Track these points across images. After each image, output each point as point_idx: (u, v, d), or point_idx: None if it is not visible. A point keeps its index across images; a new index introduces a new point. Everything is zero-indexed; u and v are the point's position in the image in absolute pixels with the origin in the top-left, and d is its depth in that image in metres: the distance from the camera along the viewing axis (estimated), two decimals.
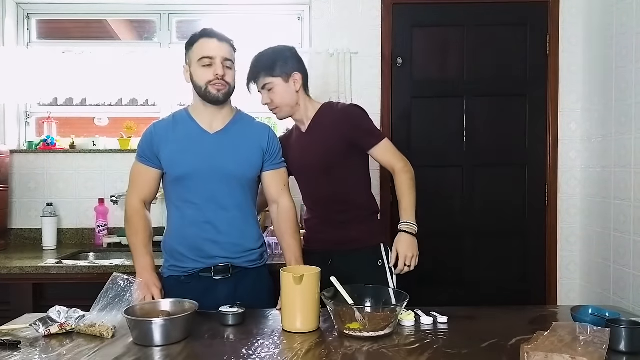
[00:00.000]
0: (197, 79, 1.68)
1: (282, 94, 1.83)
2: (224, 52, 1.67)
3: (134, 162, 1.76)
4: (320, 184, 1.88)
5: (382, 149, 1.83)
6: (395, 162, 1.83)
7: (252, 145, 1.75)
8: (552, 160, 2.85)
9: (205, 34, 1.68)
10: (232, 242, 1.70)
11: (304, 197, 1.99)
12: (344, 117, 1.84)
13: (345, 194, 1.86)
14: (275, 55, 1.83)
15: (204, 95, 1.68)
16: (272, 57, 1.82)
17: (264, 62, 1.82)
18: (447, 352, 1.23)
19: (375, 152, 1.84)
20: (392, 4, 2.80)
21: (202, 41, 1.67)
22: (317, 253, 1.85)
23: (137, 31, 3.25)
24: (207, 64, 1.65)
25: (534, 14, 2.84)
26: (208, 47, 1.66)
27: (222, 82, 1.66)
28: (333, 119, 1.85)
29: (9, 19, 2.90)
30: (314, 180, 1.89)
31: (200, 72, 1.67)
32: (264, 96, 1.86)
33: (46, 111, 2.97)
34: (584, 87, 2.80)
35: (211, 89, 1.66)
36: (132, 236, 1.72)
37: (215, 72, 1.65)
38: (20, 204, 2.86)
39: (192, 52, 1.69)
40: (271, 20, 3.07)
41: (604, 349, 1.10)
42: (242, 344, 1.29)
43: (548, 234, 2.87)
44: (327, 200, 1.88)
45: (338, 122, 1.83)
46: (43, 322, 1.35)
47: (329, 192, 1.87)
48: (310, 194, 1.95)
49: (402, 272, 1.75)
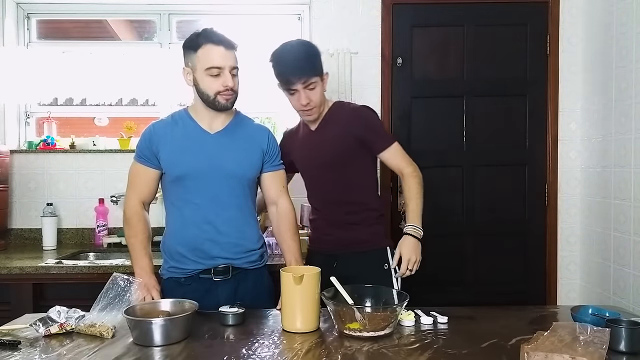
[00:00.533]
0: (204, 88, 1.65)
1: (320, 93, 1.80)
2: (232, 61, 1.65)
3: (133, 162, 1.75)
4: (329, 184, 1.86)
5: (392, 152, 1.82)
6: (404, 166, 1.81)
7: (252, 146, 1.75)
8: (552, 160, 2.85)
9: (211, 40, 1.62)
10: (232, 243, 1.70)
11: (310, 196, 1.97)
12: (356, 116, 1.83)
13: (355, 195, 1.85)
14: (315, 53, 1.79)
15: (211, 103, 1.66)
16: (313, 55, 1.78)
17: (310, 60, 1.77)
18: (447, 352, 1.23)
19: (386, 155, 1.83)
20: (392, 4, 2.80)
21: (209, 48, 1.62)
22: (322, 254, 1.85)
23: (137, 31, 3.25)
24: (216, 74, 1.63)
25: (534, 14, 2.84)
26: (216, 56, 1.62)
27: (230, 91, 1.66)
28: (344, 118, 1.84)
29: (9, 19, 2.90)
30: (323, 180, 1.88)
31: (208, 81, 1.64)
32: (303, 96, 1.76)
33: (46, 111, 2.97)
34: (584, 87, 2.80)
35: (220, 99, 1.65)
36: (130, 237, 1.71)
37: (225, 84, 1.63)
38: (20, 204, 2.86)
39: (197, 59, 1.64)
40: (271, 20, 3.07)
41: (604, 349, 1.10)
42: (242, 344, 1.29)
43: (548, 234, 2.87)
44: (335, 200, 1.87)
45: (349, 121, 1.82)
46: (43, 322, 1.35)
47: (338, 192, 1.85)
48: (318, 193, 1.93)
49: (403, 276, 1.74)
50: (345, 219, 1.85)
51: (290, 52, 1.77)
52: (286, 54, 1.77)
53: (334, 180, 1.85)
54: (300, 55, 1.76)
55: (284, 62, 1.76)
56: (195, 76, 1.66)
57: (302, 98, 1.77)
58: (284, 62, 1.76)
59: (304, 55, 1.76)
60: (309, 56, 1.77)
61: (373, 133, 1.83)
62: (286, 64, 1.76)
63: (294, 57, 1.76)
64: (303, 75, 1.73)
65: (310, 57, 1.77)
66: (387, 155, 1.83)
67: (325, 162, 1.85)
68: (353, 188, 1.85)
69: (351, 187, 1.84)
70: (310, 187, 1.95)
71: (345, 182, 1.84)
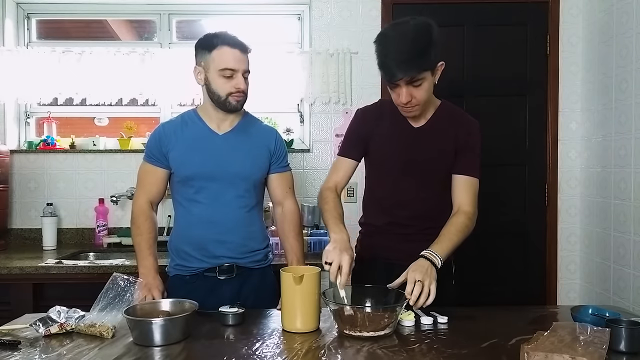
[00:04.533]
0: (216, 88, 1.66)
1: (426, 89, 1.50)
2: (245, 65, 1.66)
3: (142, 162, 1.77)
4: (415, 190, 1.64)
5: (469, 184, 1.61)
6: (468, 203, 1.60)
7: (260, 147, 1.76)
8: (552, 160, 2.85)
9: (227, 42, 1.63)
10: (238, 242, 1.71)
11: (379, 197, 1.71)
12: (465, 127, 1.63)
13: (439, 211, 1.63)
14: (429, 41, 1.45)
15: (222, 104, 1.67)
16: (427, 44, 1.44)
17: (421, 52, 1.44)
18: (447, 352, 1.23)
19: (460, 180, 1.61)
20: (392, 4, 2.80)
21: (224, 50, 1.63)
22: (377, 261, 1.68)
23: (137, 31, 3.25)
24: (229, 76, 1.64)
25: (534, 14, 2.84)
26: (232, 58, 1.63)
27: (241, 93, 1.67)
28: (454, 127, 1.62)
29: (9, 19, 2.91)
30: (410, 184, 1.64)
31: (220, 82, 1.65)
32: (405, 93, 1.48)
33: (46, 111, 2.97)
34: (584, 87, 2.80)
35: (231, 100, 1.66)
36: (136, 236, 1.73)
37: (238, 86, 1.64)
38: (20, 204, 2.86)
39: (211, 59, 1.64)
40: (271, 20, 3.07)
41: (604, 349, 1.10)
42: (242, 344, 1.29)
43: (548, 234, 2.88)
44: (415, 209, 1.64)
45: (457, 129, 1.62)
46: (43, 322, 1.35)
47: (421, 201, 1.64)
48: (394, 196, 1.66)
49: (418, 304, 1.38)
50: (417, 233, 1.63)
51: (399, 39, 1.46)
52: (393, 41, 1.46)
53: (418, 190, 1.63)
54: (409, 46, 1.43)
55: (388, 51, 1.46)
56: (208, 76, 1.67)
57: (403, 95, 1.49)
58: (388, 51, 1.46)
59: (414, 45, 1.43)
60: (422, 46, 1.44)
61: (471, 153, 1.62)
62: (390, 54, 1.46)
63: (402, 47, 1.44)
64: (410, 71, 1.44)
65: (422, 48, 1.44)
66: (460, 182, 1.61)
67: (424, 170, 1.63)
68: (439, 203, 1.64)
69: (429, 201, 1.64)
70: (385, 188, 1.68)
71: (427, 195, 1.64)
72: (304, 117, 2.99)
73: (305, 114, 2.98)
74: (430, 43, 1.45)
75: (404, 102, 1.50)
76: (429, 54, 1.44)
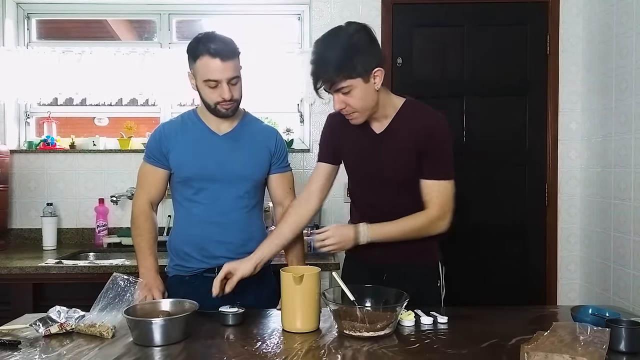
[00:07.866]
0: (204, 97, 1.65)
1: (361, 97, 1.46)
2: (228, 73, 1.60)
3: (142, 162, 1.76)
4: (390, 196, 1.62)
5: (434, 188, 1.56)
6: (432, 206, 1.55)
7: (260, 148, 1.75)
8: (552, 160, 2.85)
9: (208, 51, 1.56)
10: (237, 244, 1.71)
11: (358, 203, 1.73)
12: (426, 126, 1.56)
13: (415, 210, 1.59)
14: (352, 49, 1.41)
15: (213, 111, 1.67)
16: (348, 52, 1.41)
17: (338, 60, 1.40)
18: (447, 352, 1.23)
19: (426, 185, 1.56)
20: (392, 4, 2.80)
21: (205, 60, 1.57)
22: (366, 267, 1.65)
23: (137, 31, 3.25)
24: (213, 86, 1.61)
25: (534, 14, 2.84)
26: (212, 69, 1.58)
27: (229, 102, 1.64)
28: (414, 129, 1.56)
29: (9, 19, 2.90)
30: (382, 190, 1.63)
31: (207, 92, 1.63)
32: (337, 100, 1.48)
33: (46, 111, 2.97)
34: (584, 87, 2.80)
35: (220, 109, 1.65)
36: (136, 236, 1.73)
37: (222, 96, 1.61)
38: (20, 204, 2.86)
39: (196, 68, 1.61)
40: (271, 20, 3.08)
41: (604, 349, 1.10)
42: (242, 344, 1.29)
43: (548, 234, 2.88)
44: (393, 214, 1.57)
45: (417, 130, 1.55)
46: (43, 322, 1.35)
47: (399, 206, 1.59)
48: (371, 203, 1.66)
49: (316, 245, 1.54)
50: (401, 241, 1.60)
51: (323, 47, 1.44)
52: (318, 49, 1.45)
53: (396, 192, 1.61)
54: (333, 54, 1.41)
55: (315, 57, 1.46)
56: (197, 84, 1.66)
57: (335, 103, 1.49)
58: (315, 57, 1.46)
59: (338, 54, 1.41)
60: (344, 54, 1.40)
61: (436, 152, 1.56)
62: (313, 62, 1.46)
63: (324, 56, 1.43)
64: (329, 81, 1.43)
65: (346, 56, 1.41)
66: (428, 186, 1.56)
67: (390, 175, 1.60)
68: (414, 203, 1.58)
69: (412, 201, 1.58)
70: (361, 194, 1.70)
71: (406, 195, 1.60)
72: (304, 117, 2.99)
73: (305, 114, 2.98)
74: (356, 50, 1.41)
75: (337, 109, 1.50)
76: (351, 61, 1.41)
